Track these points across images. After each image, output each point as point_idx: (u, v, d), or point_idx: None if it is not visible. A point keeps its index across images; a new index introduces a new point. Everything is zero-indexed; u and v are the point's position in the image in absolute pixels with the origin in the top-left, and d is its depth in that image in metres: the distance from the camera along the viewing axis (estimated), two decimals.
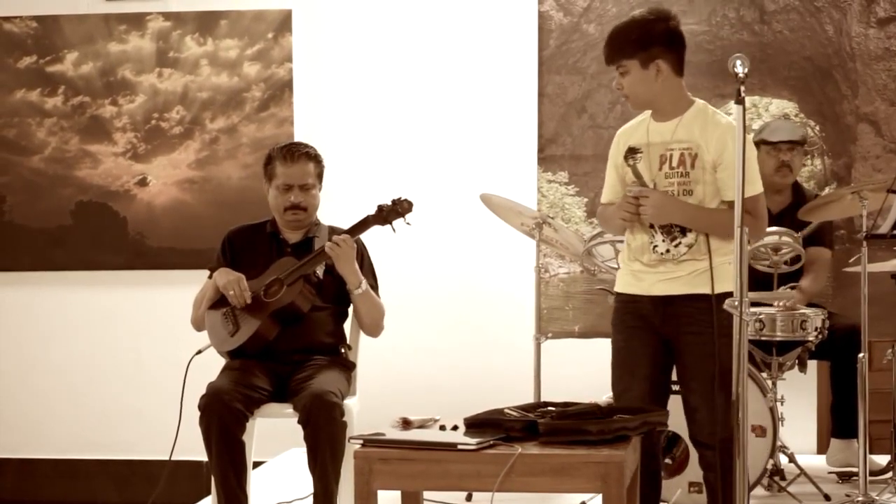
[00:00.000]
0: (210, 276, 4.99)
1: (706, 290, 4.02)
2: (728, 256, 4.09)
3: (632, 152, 4.13)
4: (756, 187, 4.10)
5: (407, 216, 4.89)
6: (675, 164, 4.08)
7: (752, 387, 4.94)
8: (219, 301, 4.91)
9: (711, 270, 4.01)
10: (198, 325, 5.01)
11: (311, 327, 4.88)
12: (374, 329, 5.03)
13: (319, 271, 4.89)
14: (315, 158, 5.02)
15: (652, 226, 4.10)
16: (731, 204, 4.02)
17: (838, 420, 5.60)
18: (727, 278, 4.04)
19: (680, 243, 4.06)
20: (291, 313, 4.82)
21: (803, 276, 5.52)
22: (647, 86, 4.09)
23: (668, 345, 4.15)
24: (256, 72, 6.68)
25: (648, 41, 4.08)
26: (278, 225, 5.04)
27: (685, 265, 4.07)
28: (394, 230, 4.92)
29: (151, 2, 6.74)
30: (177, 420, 4.81)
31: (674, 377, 4.24)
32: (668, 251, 4.08)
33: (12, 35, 6.81)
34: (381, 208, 4.90)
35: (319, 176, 5.02)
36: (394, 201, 4.90)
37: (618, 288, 4.28)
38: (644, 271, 4.14)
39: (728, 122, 4.10)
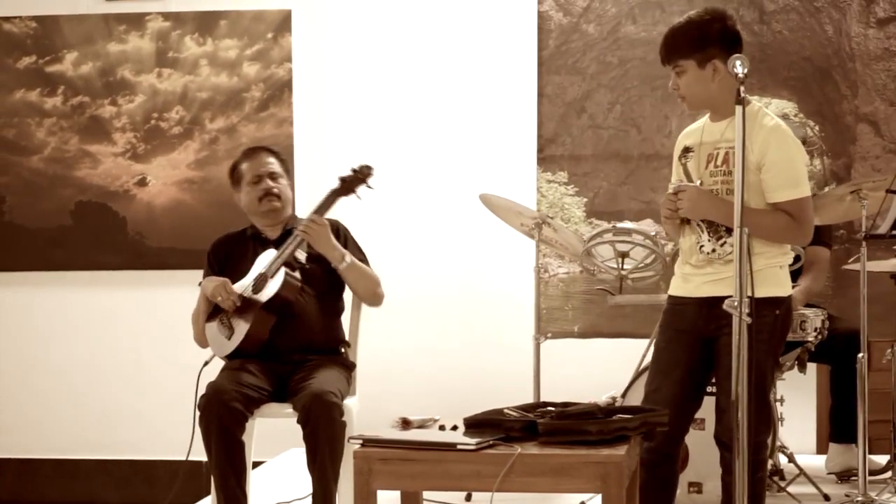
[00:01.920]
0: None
1: (750, 293, 4.02)
2: (778, 259, 4.10)
3: (686, 152, 4.15)
4: (801, 190, 4.06)
5: (369, 181, 4.89)
6: (719, 162, 4.09)
7: None
8: (213, 311, 4.91)
9: (751, 272, 3.96)
10: (200, 341, 4.99)
11: (308, 325, 4.86)
12: (373, 298, 4.99)
13: (300, 256, 4.86)
14: (276, 154, 5.07)
15: (699, 225, 4.09)
16: (774, 206, 4.04)
17: (837, 424, 5.60)
18: (774, 282, 4.06)
19: (725, 242, 4.05)
20: (280, 304, 4.80)
21: (802, 275, 5.51)
22: (704, 86, 4.07)
23: (709, 347, 4.13)
24: (256, 72, 6.68)
25: (705, 41, 4.06)
26: (258, 226, 5.03)
27: (732, 266, 4.04)
28: (359, 198, 4.91)
29: (151, 2, 6.74)
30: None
31: None
32: (713, 251, 4.07)
33: (12, 35, 6.81)
34: (342, 179, 4.90)
35: (287, 171, 5.04)
36: (353, 170, 4.90)
37: (670, 291, 4.27)
38: (692, 273, 4.14)
39: (775, 123, 4.08)
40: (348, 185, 4.89)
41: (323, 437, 4.51)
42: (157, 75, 6.75)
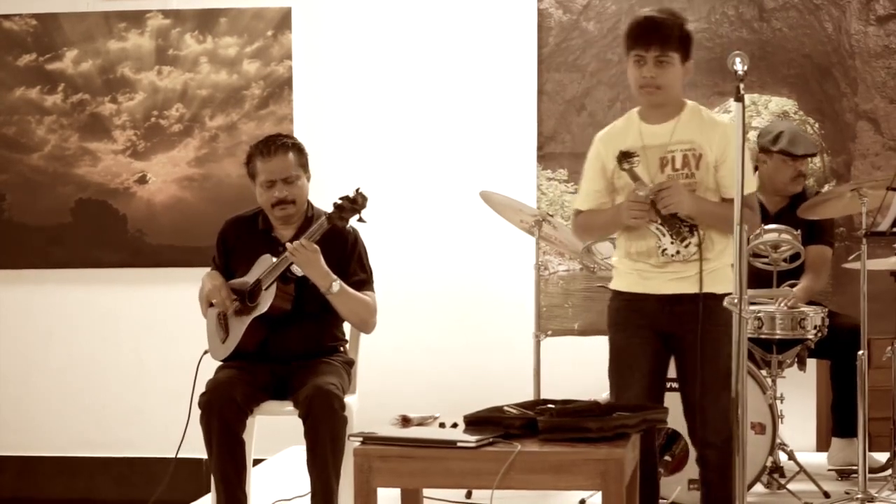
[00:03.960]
0: (212, 269, 4.97)
1: (715, 290, 4.05)
2: (730, 258, 4.11)
3: (626, 156, 4.04)
4: (753, 183, 4.14)
5: (362, 213, 4.66)
6: (678, 165, 4.08)
7: (751, 384, 4.94)
8: None
9: (701, 273, 4.02)
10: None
11: (306, 331, 4.81)
12: (363, 326, 4.89)
13: (296, 269, 4.73)
14: (295, 148, 4.86)
15: (659, 229, 4.08)
16: (727, 200, 4.05)
17: (839, 419, 5.60)
18: (730, 278, 4.06)
19: (689, 243, 4.05)
20: (275, 316, 4.75)
21: (804, 274, 5.52)
22: (679, 83, 4.10)
23: (668, 343, 4.15)
24: (256, 69, 6.68)
25: (688, 41, 4.09)
26: (270, 221, 4.93)
27: (694, 265, 4.05)
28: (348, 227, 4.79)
29: None
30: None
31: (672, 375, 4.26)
32: (678, 252, 4.08)
33: (12, 33, 6.81)
34: (337, 206, 4.67)
35: (304, 165, 4.87)
36: (349, 198, 4.66)
37: (620, 287, 4.25)
38: (651, 271, 4.13)
39: (725, 120, 4.12)
40: (342, 213, 4.66)
41: (324, 430, 4.49)
42: (157, 73, 6.75)
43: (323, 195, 5.03)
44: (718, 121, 4.12)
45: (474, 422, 3.89)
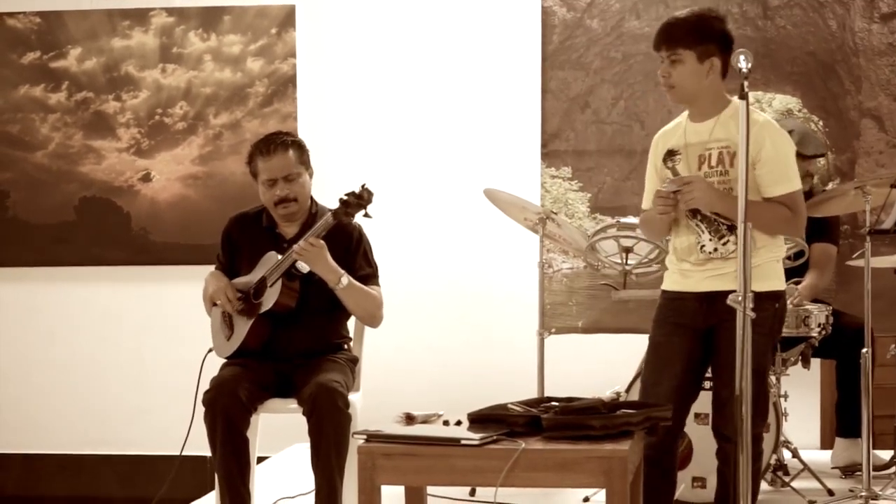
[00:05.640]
0: (217, 268, 4.97)
1: (754, 287, 4.01)
2: (776, 253, 4.15)
3: (670, 155, 4.11)
4: (795, 183, 4.12)
5: (368, 208, 4.65)
6: (714, 162, 4.10)
7: None
8: None
9: (742, 269, 3.98)
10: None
11: (310, 328, 4.81)
12: (371, 320, 4.90)
13: (302, 266, 4.71)
14: (294, 145, 4.85)
15: (698, 225, 4.09)
16: (770, 200, 4.08)
17: (843, 419, 5.60)
18: (773, 276, 4.10)
19: (728, 241, 4.05)
20: (280, 313, 4.76)
21: (808, 271, 5.52)
22: (697, 80, 4.09)
23: (707, 341, 4.15)
24: (260, 67, 6.68)
25: (709, 36, 4.09)
26: (274, 219, 4.93)
27: (733, 262, 4.03)
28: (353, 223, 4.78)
29: None
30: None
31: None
32: (715, 249, 4.08)
33: (16, 31, 6.82)
34: (342, 202, 4.66)
35: (305, 163, 4.87)
36: (355, 194, 4.65)
37: (664, 286, 4.29)
38: (692, 270, 4.14)
39: (765, 119, 4.13)
40: (348, 209, 4.65)
41: (328, 427, 4.49)
42: (161, 71, 6.76)
43: (327, 192, 5.02)
44: (756, 119, 4.08)
45: (478, 419, 3.89)
